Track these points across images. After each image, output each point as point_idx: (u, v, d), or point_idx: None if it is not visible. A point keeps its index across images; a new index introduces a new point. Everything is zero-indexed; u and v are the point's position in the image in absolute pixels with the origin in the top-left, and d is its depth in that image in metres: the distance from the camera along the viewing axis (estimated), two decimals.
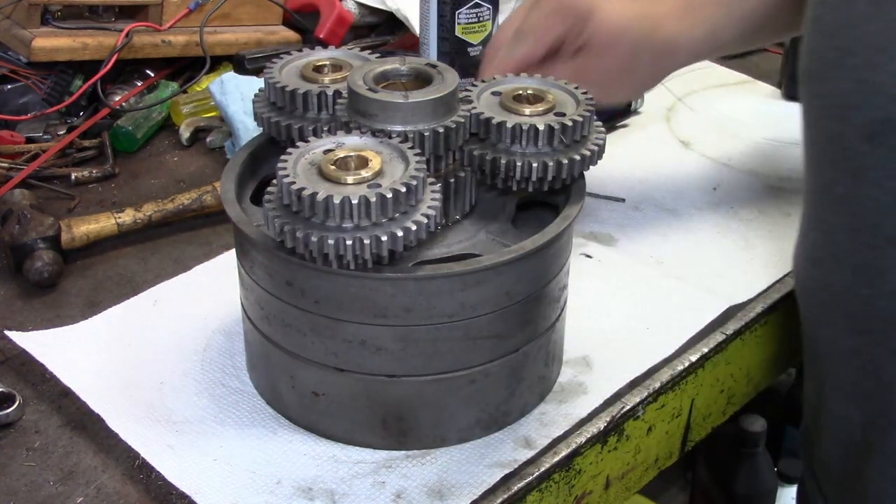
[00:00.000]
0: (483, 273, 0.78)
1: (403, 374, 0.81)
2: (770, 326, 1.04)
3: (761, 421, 1.53)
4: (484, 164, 0.85)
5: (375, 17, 1.53)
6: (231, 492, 0.80)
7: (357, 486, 0.81)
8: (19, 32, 1.29)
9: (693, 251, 1.11)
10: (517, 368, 0.84)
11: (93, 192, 1.21)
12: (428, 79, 0.85)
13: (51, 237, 1.04)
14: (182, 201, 1.13)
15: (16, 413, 0.87)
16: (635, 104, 1.39)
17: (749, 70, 1.56)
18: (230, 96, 1.24)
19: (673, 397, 0.94)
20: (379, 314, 0.78)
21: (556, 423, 0.87)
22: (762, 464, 1.54)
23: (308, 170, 0.76)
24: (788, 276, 1.07)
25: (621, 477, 0.92)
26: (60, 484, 0.82)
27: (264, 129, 0.90)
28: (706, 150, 1.33)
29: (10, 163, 1.21)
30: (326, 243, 0.72)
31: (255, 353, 0.88)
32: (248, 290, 0.85)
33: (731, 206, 1.20)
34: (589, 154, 0.86)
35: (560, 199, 0.89)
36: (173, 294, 1.03)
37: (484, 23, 1.23)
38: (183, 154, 1.30)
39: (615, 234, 1.14)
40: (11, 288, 1.04)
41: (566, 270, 0.88)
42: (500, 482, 0.81)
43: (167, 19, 1.36)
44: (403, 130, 0.81)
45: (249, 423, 0.87)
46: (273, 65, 0.92)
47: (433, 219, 0.75)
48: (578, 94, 0.89)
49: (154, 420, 0.87)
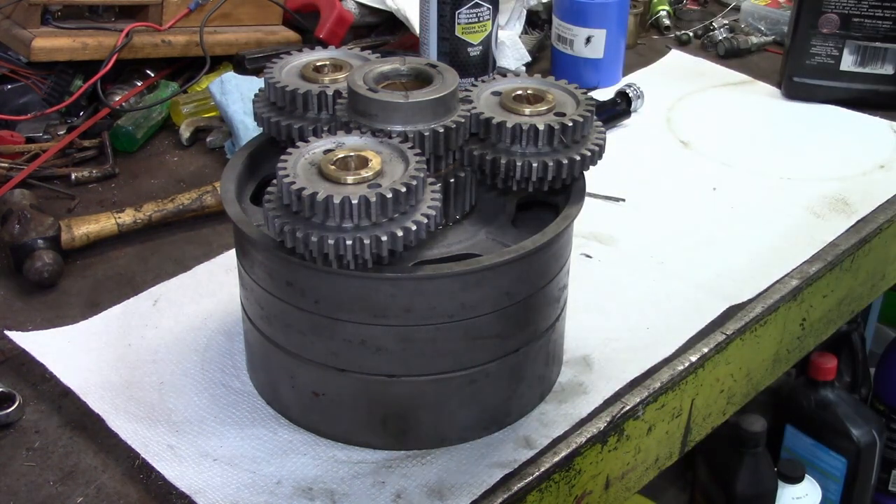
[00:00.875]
0: (483, 273, 0.78)
1: (403, 374, 0.81)
2: (770, 326, 1.04)
3: (761, 421, 1.53)
4: (484, 164, 0.85)
5: (375, 17, 1.53)
6: (231, 492, 0.80)
7: (357, 486, 0.81)
8: (19, 32, 1.29)
9: (693, 251, 1.11)
10: (517, 368, 0.84)
11: (93, 192, 1.21)
12: (428, 79, 0.85)
13: (51, 237, 1.04)
14: (182, 201, 1.13)
15: (16, 413, 0.87)
16: (635, 104, 1.39)
17: (749, 70, 1.56)
18: (230, 96, 1.24)
19: (673, 397, 0.94)
20: (379, 314, 0.78)
21: (556, 423, 0.87)
22: (762, 464, 1.54)
23: (308, 170, 0.76)
24: (788, 276, 1.07)
25: (621, 477, 0.92)
26: (60, 484, 0.82)
27: (264, 129, 0.90)
28: (706, 150, 1.33)
29: (10, 163, 1.21)
30: (326, 243, 0.72)
31: (255, 353, 0.88)
32: (248, 290, 0.85)
33: (731, 206, 1.20)
34: (589, 154, 0.86)
35: (560, 199, 0.89)
36: (173, 294, 1.03)
37: (484, 23, 1.23)
38: (183, 154, 1.30)
39: (615, 234, 1.14)
40: (11, 288, 1.04)
41: (566, 270, 0.87)
42: (500, 482, 0.81)
43: (167, 19, 1.36)
44: (403, 130, 0.81)
45: (249, 423, 0.87)
46: (273, 65, 0.92)
47: (433, 219, 0.75)
48: (578, 94, 0.89)
49: (154, 420, 0.87)
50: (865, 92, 1.43)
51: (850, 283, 1.15)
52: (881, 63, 1.41)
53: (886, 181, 1.26)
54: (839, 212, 1.19)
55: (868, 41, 1.40)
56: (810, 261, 1.10)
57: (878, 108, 1.43)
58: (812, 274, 1.08)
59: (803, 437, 1.68)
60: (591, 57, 1.46)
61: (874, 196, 1.22)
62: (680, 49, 1.63)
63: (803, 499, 1.58)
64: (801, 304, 1.08)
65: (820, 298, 1.11)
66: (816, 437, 1.67)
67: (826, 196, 1.22)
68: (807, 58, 1.43)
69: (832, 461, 1.66)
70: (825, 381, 1.63)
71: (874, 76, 1.43)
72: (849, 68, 1.43)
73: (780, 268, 1.08)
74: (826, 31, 1.41)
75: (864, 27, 1.40)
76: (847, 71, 1.43)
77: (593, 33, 1.44)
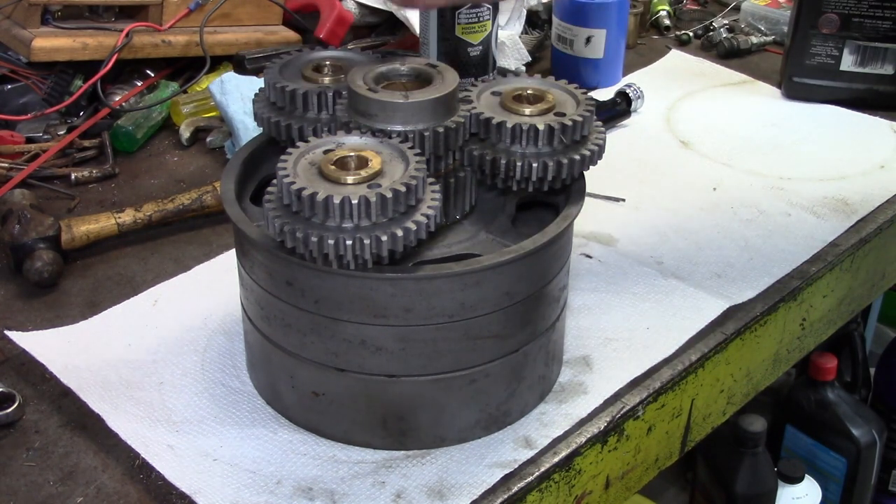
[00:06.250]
0: (483, 273, 0.78)
1: (403, 374, 0.81)
2: (770, 326, 1.04)
3: (761, 421, 1.53)
4: (484, 164, 0.85)
5: (375, 17, 1.53)
6: (231, 492, 0.80)
7: (357, 486, 0.81)
8: (19, 32, 1.29)
9: (693, 251, 1.11)
10: (517, 368, 0.84)
11: (93, 192, 1.21)
12: (428, 79, 0.85)
13: (51, 237, 1.04)
14: (182, 201, 1.13)
15: (16, 413, 0.87)
16: (635, 104, 1.39)
17: (749, 70, 1.56)
18: (230, 96, 1.24)
19: (673, 397, 0.94)
20: (379, 314, 0.78)
21: (556, 423, 0.87)
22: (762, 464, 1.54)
23: (308, 170, 0.76)
24: (788, 276, 1.07)
25: (621, 477, 0.92)
26: (60, 484, 0.82)
27: (264, 129, 0.90)
28: (706, 150, 1.33)
29: (10, 163, 1.21)
30: (326, 243, 0.72)
31: (255, 353, 0.88)
32: (248, 290, 0.85)
33: (731, 206, 1.20)
34: (589, 154, 0.86)
35: (560, 199, 0.89)
36: (173, 294, 1.03)
37: (484, 23, 1.23)
38: (183, 154, 1.30)
39: (615, 234, 1.14)
40: (11, 288, 1.04)
41: (566, 270, 0.87)
42: (500, 482, 0.81)
43: (167, 19, 1.36)
44: (403, 130, 0.81)
45: (249, 423, 0.87)
46: (273, 65, 0.92)
47: (433, 219, 0.75)
48: (578, 94, 0.89)
49: (154, 420, 0.87)
50: (865, 92, 1.43)
51: (850, 283, 1.15)
52: (881, 63, 1.41)
53: (886, 181, 1.26)
54: (839, 212, 1.19)
55: (868, 41, 1.40)
56: (810, 261, 1.10)
57: (878, 108, 1.43)
58: (812, 274, 1.08)
59: (803, 437, 1.68)
60: (591, 57, 1.46)
61: (874, 196, 1.22)
62: (680, 49, 1.63)
63: (803, 499, 1.58)
64: (801, 304, 1.08)
65: (820, 298, 1.11)
66: (816, 437, 1.67)
67: (826, 196, 1.22)
68: (807, 58, 1.43)
69: (832, 461, 1.66)
70: (825, 381, 1.63)
71: (874, 76, 1.43)
72: (849, 68, 1.43)
73: (780, 268, 1.08)
74: (826, 31, 1.41)
75: (864, 27, 1.40)
76: (847, 71, 1.43)
77: (593, 33, 1.45)
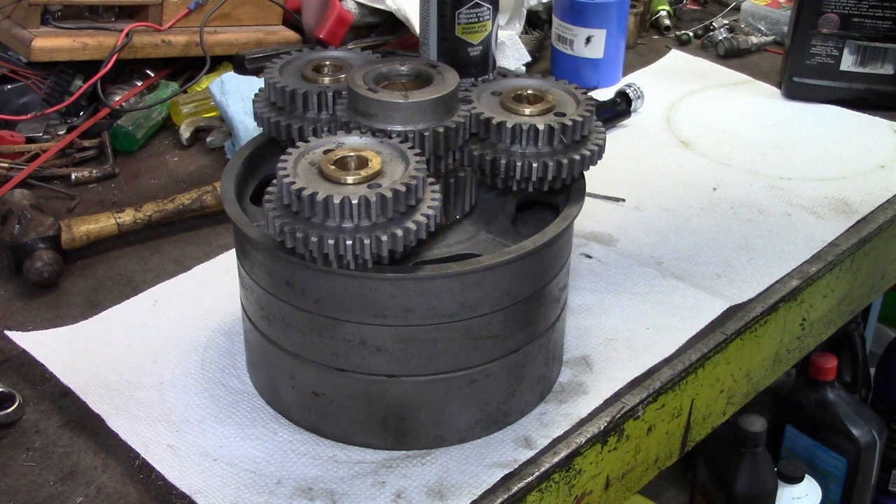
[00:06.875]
0: (483, 273, 0.78)
1: (403, 374, 0.81)
2: (770, 326, 1.04)
3: (761, 421, 1.53)
4: (484, 164, 0.85)
5: (375, 17, 1.53)
6: (231, 492, 0.80)
7: (357, 486, 0.81)
8: (19, 32, 1.29)
9: (693, 251, 1.11)
10: (517, 368, 0.84)
11: (93, 192, 1.21)
12: (428, 79, 0.85)
13: (51, 237, 1.04)
14: (182, 201, 1.13)
15: (16, 413, 0.87)
16: (635, 104, 1.39)
17: (749, 70, 1.56)
18: (230, 96, 1.24)
19: (673, 397, 0.94)
20: (379, 314, 0.78)
21: (556, 423, 0.87)
22: (762, 464, 1.54)
23: (308, 170, 0.76)
24: (788, 276, 1.07)
25: (621, 477, 0.92)
26: (60, 484, 0.82)
27: (264, 129, 0.90)
28: (706, 150, 1.33)
29: (10, 163, 1.21)
30: (326, 243, 0.72)
31: (255, 353, 0.88)
32: (248, 290, 0.85)
33: (731, 205, 1.20)
34: (589, 154, 0.86)
35: (560, 199, 0.89)
36: (173, 294, 1.03)
37: (484, 23, 1.23)
38: (183, 154, 1.30)
39: (615, 234, 1.14)
40: (11, 288, 1.04)
41: (566, 270, 0.87)
42: (500, 482, 0.81)
43: (167, 19, 1.36)
44: (403, 130, 0.81)
45: (249, 423, 0.87)
46: (273, 65, 0.92)
47: (433, 219, 0.75)
48: (578, 94, 0.89)
49: (154, 420, 0.87)
50: (865, 92, 1.43)
51: (850, 283, 1.15)
52: (881, 63, 1.41)
53: (886, 181, 1.26)
54: (839, 212, 1.19)
55: (868, 41, 1.40)
56: (810, 261, 1.10)
57: (878, 108, 1.43)
58: (812, 274, 1.08)
59: (803, 437, 1.68)
60: (591, 57, 1.46)
61: (874, 196, 1.22)
62: (680, 49, 1.63)
63: (803, 499, 1.58)
64: (801, 304, 1.08)
65: (820, 298, 1.11)
66: (816, 437, 1.67)
67: (826, 196, 1.22)
68: (807, 58, 1.43)
69: (832, 461, 1.66)
70: (825, 381, 1.63)
71: (874, 76, 1.43)
72: (849, 68, 1.43)
73: (780, 268, 1.08)
74: (826, 31, 1.41)
75: (864, 27, 1.40)
76: (847, 71, 1.43)
77: (593, 33, 1.45)
